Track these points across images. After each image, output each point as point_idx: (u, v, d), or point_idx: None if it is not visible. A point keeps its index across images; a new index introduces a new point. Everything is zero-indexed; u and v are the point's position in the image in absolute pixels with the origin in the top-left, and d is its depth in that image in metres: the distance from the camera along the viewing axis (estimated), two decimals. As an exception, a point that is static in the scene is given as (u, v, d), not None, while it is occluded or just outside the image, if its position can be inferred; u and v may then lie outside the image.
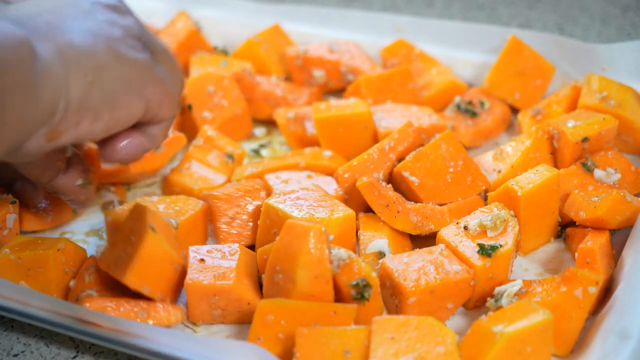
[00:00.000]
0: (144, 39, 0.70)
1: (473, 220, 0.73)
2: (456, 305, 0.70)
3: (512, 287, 0.69)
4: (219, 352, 0.62)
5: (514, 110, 0.97)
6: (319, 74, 1.01)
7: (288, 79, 1.05)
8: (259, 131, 0.99)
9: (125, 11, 0.71)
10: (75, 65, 0.62)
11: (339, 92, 1.03)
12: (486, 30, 1.02)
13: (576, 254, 0.72)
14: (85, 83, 0.63)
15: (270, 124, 1.00)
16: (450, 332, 0.62)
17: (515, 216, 0.74)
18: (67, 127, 0.63)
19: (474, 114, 0.94)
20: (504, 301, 0.68)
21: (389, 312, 0.71)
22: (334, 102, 0.90)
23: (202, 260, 0.72)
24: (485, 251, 0.71)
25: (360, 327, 0.63)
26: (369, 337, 0.61)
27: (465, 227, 0.73)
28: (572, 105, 0.89)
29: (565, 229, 0.79)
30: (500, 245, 0.71)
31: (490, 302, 0.69)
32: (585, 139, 0.81)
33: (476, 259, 0.70)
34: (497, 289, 0.70)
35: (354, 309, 0.65)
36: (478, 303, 0.72)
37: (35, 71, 0.59)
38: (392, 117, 0.89)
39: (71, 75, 0.62)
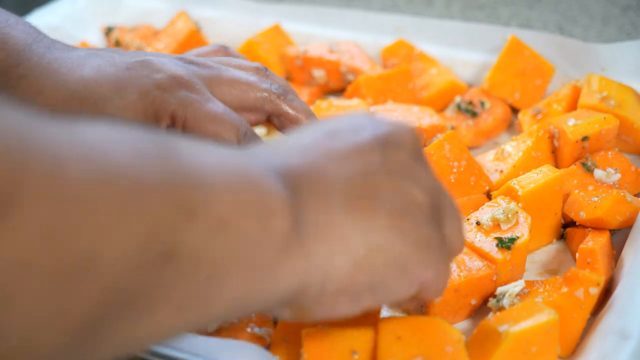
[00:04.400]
0: (436, 199, 0.53)
1: (485, 215, 0.73)
2: (479, 301, 0.70)
3: (514, 288, 0.69)
4: (218, 351, 0.62)
5: (514, 110, 0.97)
6: (319, 74, 1.01)
7: (288, 79, 1.05)
8: (259, 131, 0.99)
9: (422, 161, 0.53)
10: (343, 245, 0.48)
11: (339, 92, 1.03)
12: (486, 30, 1.02)
13: (577, 254, 0.72)
14: (351, 266, 0.48)
15: (270, 123, 1.00)
16: (457, 331, 0.62)
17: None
18: (318, 309, 0.51)
19: (474, 114, 0.94)
20: (505, 301, 0.68)
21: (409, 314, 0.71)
22: (335, 102, 0.90)
23: None
24: (504, 244, 0.70)
25: (367, 327, 0.63)
26: (376, 337, 0.61)
27: (478, 223, 0.73)
28: (573, 105, 0.89)
29: (566, 229, 0.79)
30: (517, 237, 0.71)
31: (492, 302, 0.69)
32: (585, 138, 0.81)
33: (495, 252, 0.70)
34: (500, 289, 0.70)
35: (379, 308, 0.65)
36: (499, 297, 0.72)
37: (282, 249, 0.46)
38: (393, 118, 0.89)
39: (336, 257, 0.48)
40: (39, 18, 1.10)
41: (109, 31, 1.10)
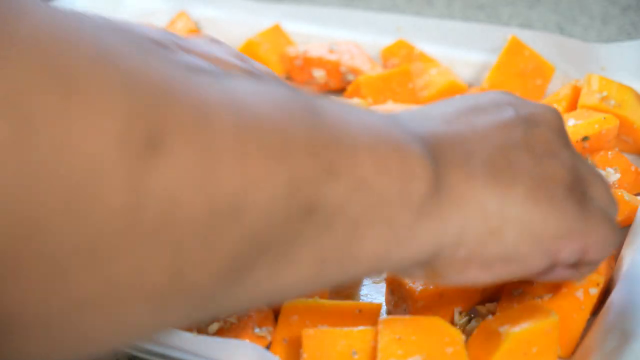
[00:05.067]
0: (579, 174, 0.54)
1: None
2: (465, 309, 0.70)
3: None
4: (218, 351, 0.62)
5: (514, 110, 0.96)
6: (319, 74, 1.01)
7: (288, 79, 1.05)
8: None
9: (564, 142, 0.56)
10: (479, 213, 0.50)
11: (339, 92, 1.03)
12: (486, 30, 1.02)
13: (577, 254, 0.72)
14: (484, 234, 0.50)
15: (270, 123, 1.00)
16: (458, 332, 0.62)
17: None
18: (450, 273, 0.52)
19: (474, 114, 0.94)
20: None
21: None
22: (335, 102, 0.90)
23: None
24: None
25: (367, 327, 0.63)
26: (376, 337, 0.61)
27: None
28: (573, 105, 0.89)
29: (566, 229, 0.79)
30: None
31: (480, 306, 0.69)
32: (585, 138, 0.81)
33: None
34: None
35: (380, 307, 0.65)
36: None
37: (421, 211, 0.48)
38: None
39: (470, 224, 0.50)
40: (39, 18, 1.09)
41: (109, 31, 1.10)
